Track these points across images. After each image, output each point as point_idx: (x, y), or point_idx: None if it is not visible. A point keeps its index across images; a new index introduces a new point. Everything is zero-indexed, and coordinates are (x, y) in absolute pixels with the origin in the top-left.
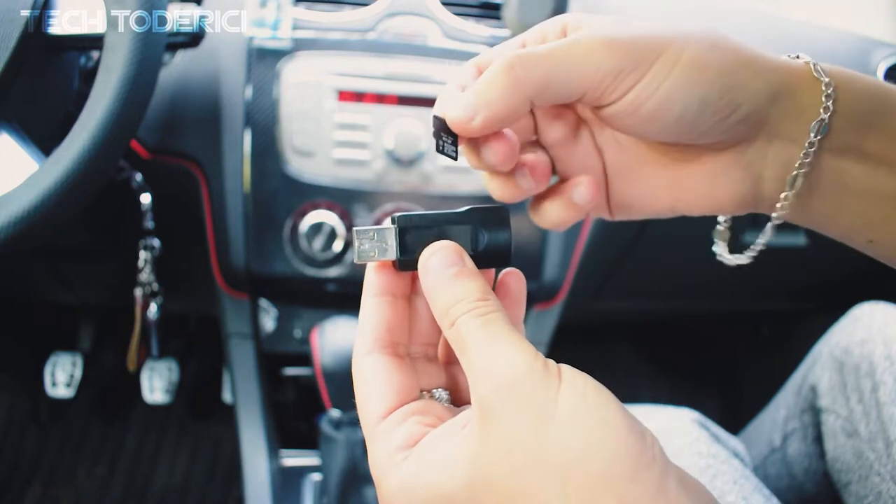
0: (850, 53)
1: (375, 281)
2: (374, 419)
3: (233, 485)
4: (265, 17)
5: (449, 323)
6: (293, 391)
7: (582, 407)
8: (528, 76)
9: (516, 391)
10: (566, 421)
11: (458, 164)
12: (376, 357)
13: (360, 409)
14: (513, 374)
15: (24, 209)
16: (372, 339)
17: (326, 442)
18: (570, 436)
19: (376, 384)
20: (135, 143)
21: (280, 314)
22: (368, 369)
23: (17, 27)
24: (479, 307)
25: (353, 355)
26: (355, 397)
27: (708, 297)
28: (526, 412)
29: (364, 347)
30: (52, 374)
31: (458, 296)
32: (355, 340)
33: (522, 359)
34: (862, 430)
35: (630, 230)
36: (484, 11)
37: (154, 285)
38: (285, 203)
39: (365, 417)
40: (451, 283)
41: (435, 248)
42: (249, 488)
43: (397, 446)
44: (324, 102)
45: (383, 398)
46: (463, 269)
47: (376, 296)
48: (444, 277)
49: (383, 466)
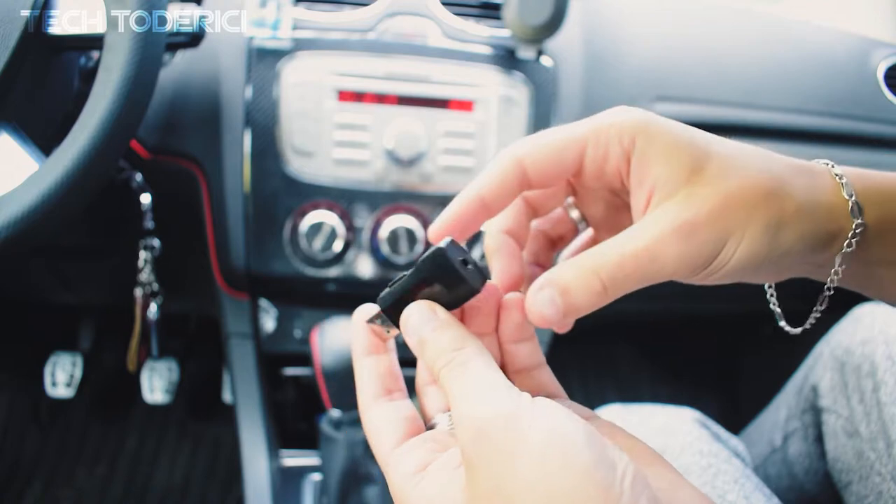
0: (850, 53)
1: (363, 343)
2: (388, 449)
3: (233, 485)
4: (265, 17)
5: (435, 376)
6: (293, 391)
7: (548, 448)
8: (614, 284)
9: (488, 439)
10: (533, 465)
11: (457, 164)
12: (379, 407)
13: (374, 447)
14: (481, 423)
15: (24, 209)
16: (371, 395)
17: (326, 442)
18: (537, 479)
19: (385, 426)
20: (135, 143)
21: (280, 314)
22: (375, 417)
23: (17, 27)
24: (455, 358)
25: (360, 409)
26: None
27: (708, 297)
28: (496, 458)
29: (367, 402)
30: (52, 374)
31: (436, 350)
32: (358, 397)
33: (491, 407)
34: (863, 430)
35: None
36: (484, 11)
37: (154, 285)
38: (285, 203)
39: (378, 451)
40: (429, 340)
41: (409, 311)
42: (249, 488)
43: (411, 471)
44: (324, 102)
45: (392, 434)
46: (437, 323)
47: (366, 356)
48: (422, 336)
49: (404, 488)
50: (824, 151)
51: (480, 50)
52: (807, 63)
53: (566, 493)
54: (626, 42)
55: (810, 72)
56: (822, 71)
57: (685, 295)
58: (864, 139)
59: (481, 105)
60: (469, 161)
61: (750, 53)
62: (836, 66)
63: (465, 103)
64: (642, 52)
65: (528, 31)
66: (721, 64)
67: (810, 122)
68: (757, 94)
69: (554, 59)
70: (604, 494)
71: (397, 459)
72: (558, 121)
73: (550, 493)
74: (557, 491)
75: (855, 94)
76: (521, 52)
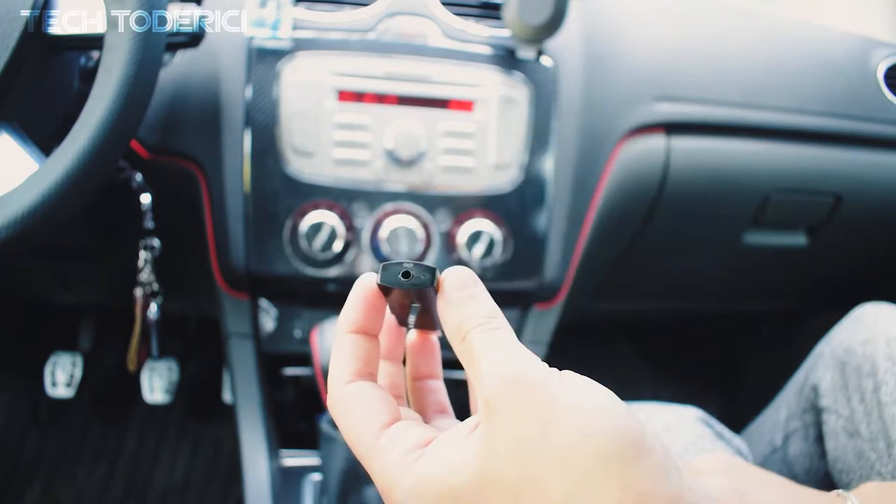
0: (850, 53)
1: (353, 318)
2: (374, 433)
3: (233, 485)
4: (265, 17)
5: (461, 337)
6: (293, 391)
7: (583, 397)
8: None
9: (521, 387)
10: (569, 410)
11: (457, 164)
12: (361, 383)
13: (351, 430)
14: (516, 373)
15: (24, 209)
16: (352, 371)
17: (326, 442)
18: (573, 423)
19: (371, 403)
20: (135, 143)
21: (280, 314)
22: (355, 393)
23: (17, 27)
24: (489, 322)
25: (330, 386)
26: (341, 423)
27: (708, 297)
28: (530, 405)
29: (344, 378)
30: (52, 374)
31: (476, 310)
32: (331, 372)
33: (527, 362)
34: (863, 430)
35: (630, 231)
36: (484, 11)
37: (154, 285)
38: (285, 203)
39: (359, 435)
40: (465, 302)
41: (451, 270)
42: (249, 488)
43: (409, 447)
44: (324, 102)
45: (380, 413)
46: (476, 290)
47: (353, 332)
48: (459, 297)
49: (396, 469)
50: (824, 151)
51: (480, 50)
52: (807, 63)
53: (603, 435)
54: (626, 42)
55: (810, 72)
56: (822, 71)
57: (685, 294)
58: (864, 139)
59: (481, 105)
60: (469, 161)
61: (750, 53)
62: (836, 66)
63: (465, 103)
64: (642, 52)
65: (528, 31)
66: (721, 64)
67: (810, 122)
68: (757, 93)
69: (554, 59)
70: (638, 442)
71: (390, 438)
72: (558, 120)
73: (587, 435)
74: (594, 434)
75: (855, 94)
76: (521, 52)
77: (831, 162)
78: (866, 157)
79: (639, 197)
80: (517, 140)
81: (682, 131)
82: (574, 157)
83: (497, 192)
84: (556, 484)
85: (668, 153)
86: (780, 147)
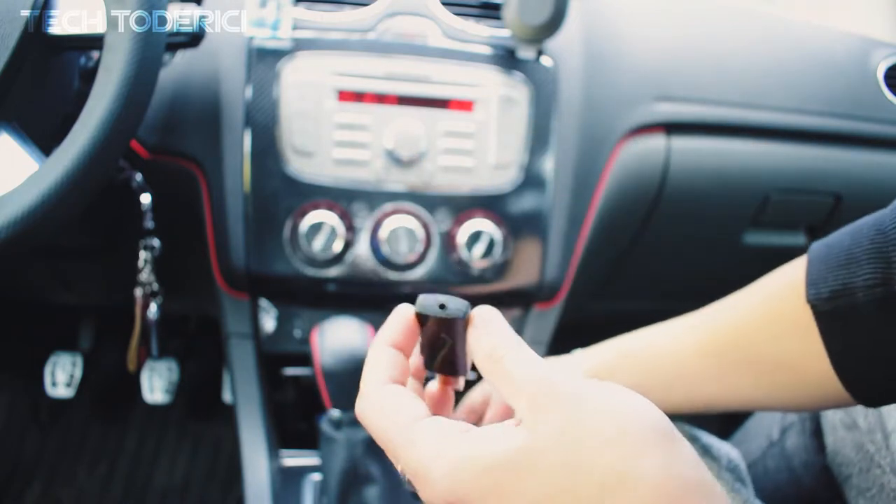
0: (850, 53)
1: (391, 335)
2: (409, 423)
3: (233, 485)
4: (265, 17)
5: (494, 362)
6: (293, 391)
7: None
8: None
9: (560, 387)
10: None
11: (457, 164)
12: (396, 386)
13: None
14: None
15: (23, 209)
16: (387, 376)
17: (326, 442)
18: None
19: (406, 399)
20: (135, 143)
21: (280, 314)
22: (391, 392)
23: (17, 27)
24: (520, 346)
25: (364, 390)
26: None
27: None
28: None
29: (380, 380)
30: (52, 374)
31: (501, 341)
32: (366, 376)
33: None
34: (861, 422)
35: (630, 230)
36: (484, 11)
37: (154, 285)
38: (285, 203)
39: (396, 424)
40: (495, 333)
41: (481, 307)
42: (249, 488)
43: (448, 433)
44: (324, 102)
45: (414, 408)
46: (504, 324)
47: (390, 346)
48: (490, 329)
49: (436, 449)
50: (824, 151)
51: (480, 50)
52: (807, 63)
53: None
54: (626, 42)
55: (810, 72)
56: (822, 71)
57: (685, 294)
58: (864, 139)
59: (481, 105)
60: (469, 161)
61: (750, 53)
62: (836, 66)
63: (465, 103)
64: (642, 52)
65: (528, 31)
66: (721, 64)
67: (810, 122)
68: (757, 93)
69: (554, 59)
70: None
71: (426, 426)
72: (558, 120)
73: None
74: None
75: (855, 94)
76: (521, 52)
77: (831, 162)
78: (866, 157)
79: (639, 197)
80: (517, 140)
81: (682, 131)
82: (574, 157)
83: (497, 192)
84: (601, 462)
85: (667, 153)
86: (779, 147)
